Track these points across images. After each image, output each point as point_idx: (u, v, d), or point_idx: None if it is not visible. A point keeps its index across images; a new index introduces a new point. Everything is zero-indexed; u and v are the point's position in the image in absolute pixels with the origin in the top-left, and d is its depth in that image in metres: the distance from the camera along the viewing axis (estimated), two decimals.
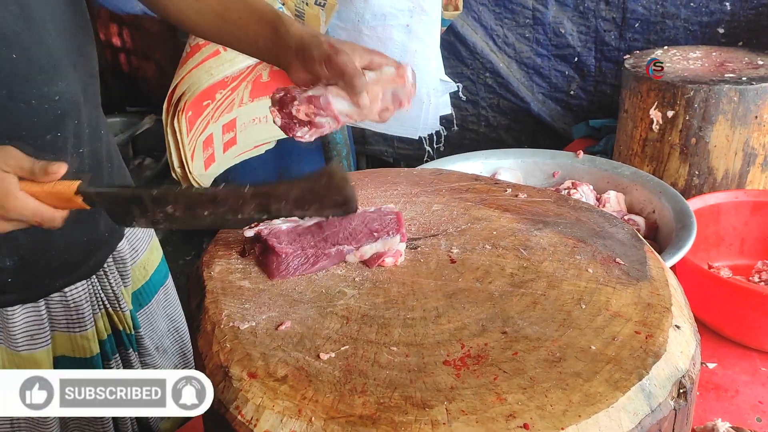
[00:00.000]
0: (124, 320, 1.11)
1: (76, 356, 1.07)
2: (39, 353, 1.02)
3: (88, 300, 1.06)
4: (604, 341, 0.57)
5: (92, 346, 1.07)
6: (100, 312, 1.08)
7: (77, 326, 1.05)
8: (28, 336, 1.01)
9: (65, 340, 1.05)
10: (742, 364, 1.13)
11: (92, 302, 1.07)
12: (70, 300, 1.03)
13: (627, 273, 0.67)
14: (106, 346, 1.09)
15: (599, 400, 0.51)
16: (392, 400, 0.52)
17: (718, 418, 0.97)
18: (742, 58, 1.58)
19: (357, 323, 0.62)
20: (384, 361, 0.57)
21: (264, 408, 0.53)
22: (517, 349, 0.57)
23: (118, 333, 1.11)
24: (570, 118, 2.23)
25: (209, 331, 0.63)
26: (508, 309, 0.62)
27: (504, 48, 2.24)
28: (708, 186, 1.47)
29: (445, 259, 0.72)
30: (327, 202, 0.66)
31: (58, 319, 1.04)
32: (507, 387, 0.53)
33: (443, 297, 0.65)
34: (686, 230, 1.11)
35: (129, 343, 1.13)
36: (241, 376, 0.56)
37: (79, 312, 1.04)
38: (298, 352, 0.58)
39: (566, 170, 1.39)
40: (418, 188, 0.88)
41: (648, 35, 1.99)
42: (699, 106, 1.40)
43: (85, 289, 1.05)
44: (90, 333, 1.06)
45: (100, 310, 1.08)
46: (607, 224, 0.77)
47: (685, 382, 0.55)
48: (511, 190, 0.86)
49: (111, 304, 1.10)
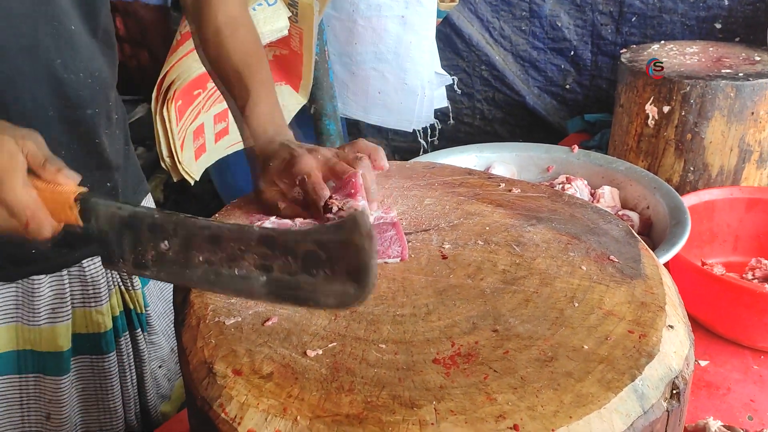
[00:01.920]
0: (135, 299, 1.13)
1: (90, 332, 1.08)
2: (60, 327, 1.04)
3: (104, 275, 1.07)
4: (596, 340, 0.56)
5: (106, 321, 1.08)
6: (114, 288, 1.10)
7: (93, 301, 1.06)
8: (51, 309, 1.03)
9: (81, 316, 1.07)
10: (734, 362, 1.13)
11: (107, 278, 1.08)
12: (87, 275, 1.05)
13: (621, 271, 0.66)
14: (117, 322, 1.11)
15: (591, 401, 0.50)
16: (380, 399, 0.51)
17: (709, 416, 0.97)
18: (739, 54, 1.57)
19: (345, 319, 0.61)
20: (372, 359, 0.55)
21: (248, 406, 0.51)
22: (508, 347, 0.56)
23: (129, 312, 1.13)
24: (565, 112, 2.22)
25: (194, 325, 0.62)
26: (500, 306, 0.61)
27: (500, 41, 2.23)
28: (703, 182, 1.47)
29: (437, 254, 0.70)
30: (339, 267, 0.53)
31: (76, 295, 1.06)
32: (497, 386, 0.51)
33: (434, 293, 0.64)
34: (680, 226, 1.10)
35: (138, 323, 1.14)
36: (225, 372, 0.55)
37: (95, 287, 1.06)
38: (284, 349, 0.57)
39: (561, 165, 1.38)
40: (411, 182, 0.86)
41: (645, 30, 1.98)
42: (695, 101, 1.39)
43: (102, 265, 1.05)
44: (105, 308, 1.08)
45: (114, 286, 1.10)
46: (602, 221, 0.75)
47: (678, 382, 0.54)
48: (504, 184, 0.85)
49: (123, 282, 1.12)
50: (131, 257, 0.64)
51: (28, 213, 0.67)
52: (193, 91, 1.59)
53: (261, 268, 0.57)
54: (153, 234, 0.62)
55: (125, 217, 0.65)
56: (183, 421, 1.07)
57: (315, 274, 0.55)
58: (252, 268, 0.58)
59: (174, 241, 0.61)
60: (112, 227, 0.66)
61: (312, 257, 0.54)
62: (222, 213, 0.81)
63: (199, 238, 0.60)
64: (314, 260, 0.54)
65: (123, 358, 1.12)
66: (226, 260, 0.59)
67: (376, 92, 1.98)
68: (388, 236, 0.71)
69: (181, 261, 0.61)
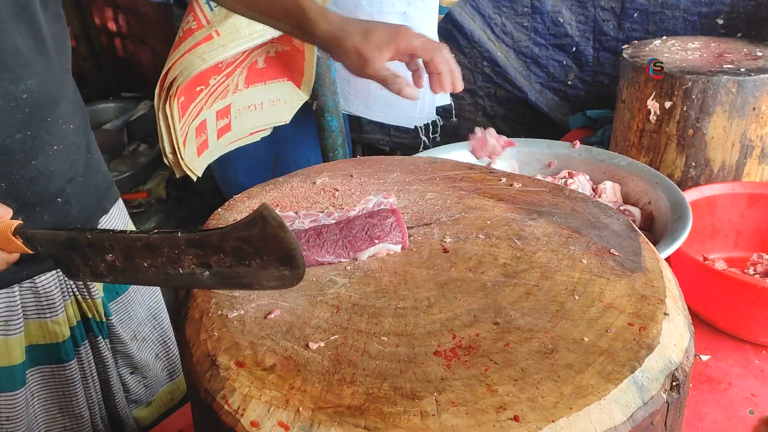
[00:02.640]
0: (93, 308, 1.11)
1: (47, 342, 1.06)
2: (13, 339, 1.02)
3: (58, 287, 1.05)
4: (597, 333, 0.56)
5: (64, 330, 1.07)
6: (69, 299, 1.08)
7: (48, 312, 1.05)
8: (3, 321, 1.00)
9: (36, 328, 1.05)
10: (735, 357, 1.13)
11: (62, 289, 1.06)
12: (40, 288, 1.03)
13: (621, 264, 0.66)
14: (75, 332, 1.09)
15: (591, 393, 0.50)
16: (381, 391, 0.51)
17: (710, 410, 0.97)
18: (741, 50, 1.57)
19: (347, 312, 0.61)
20: (374, 351, 0.56)
21: (251, 397, 0.52)
22: (509, 340, 0.56)
23: (87, 320, 1.11)
24: (567, 108, 2.22)
25: (197, 319, 0.62)
26: (501, 299, 0.62)
27: (502, 37, 2.22)
28: (704, 177, 1.47)
29: (438, 248, 0.71)
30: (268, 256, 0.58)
31: (29, 307, 1.04)
32: (498, 378, 0.52)
33: (435, 287, 0.64)
34: (682, 222, 1.11)
35: (98, 331, 1.12)
36: (228, 365, 0.55)
37: (49, 298, 1.04)
38: (286, 341, 0.57)
39: (562, 160, 1.38)
40: (413, 176, 0.87)
41: (647, 25, 1.98)
42: (697, 97, 1.39)
43: (55, 278, 1.04)
44: (62, 318, 1.06)
45: (69, 297, 1.08)
46: (603, 215, 0.76)
47: (678, 374, 0.54)
48: (505, 179, 0.85)
49: (80, 292, 1.09)
50: (86, 269, 0.68)
51: None
52: (196, 87, 1.59)
53: (201, 266, 0.61)
54: (95, 251, 0.66)
55: (63, 241, 0.68)
56: (186, 414, 1.07)
57: (249, 265, 0.59)
58: (192, 266, 0.61)
59: (116, 254, 0.64)
60: (59, 250, 0.69)
61: (240, 252, 0.58)
62: (225, 207, 0.81)
63: (136, 249, 0.63)
64: (243, 254, 0.58)
65: (84, 366, 1.11)
66: (167, 263, 0.62)
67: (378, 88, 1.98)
68: (388, 223, 0.71)
69: (130, 268, 0.64)
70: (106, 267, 0.66)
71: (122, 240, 0.64)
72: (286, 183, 0.86)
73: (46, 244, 0.70)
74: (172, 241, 0.61)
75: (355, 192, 0.83)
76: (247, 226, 0.57)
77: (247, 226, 0.57)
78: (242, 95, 1.79)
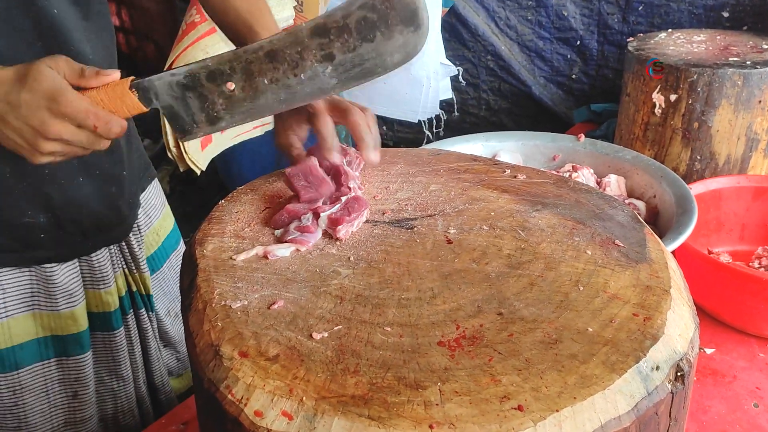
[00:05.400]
0: (140, 281, 1.16)
1: (101, 311, 1.12)
2: (77, 309, 1.08)
3: (110, 261, 1.11)
4: (601, 323, 0.56)
5: (114, 300, 1.12)
6: (119, 271, 1.14)
7: (102, 284, 1.10)
8: (68, 294, 1.06)
9: (92, 296, 1.11)
10: (740, 350, 1.13)
11: (113, 263, 1.12)
12: (95, 262, 1.08)
13: (626, 255, 0.66)
14: (123, 302, 1.15)
15: (595, 383, 0.50)
16: (385, 381, 0.51)
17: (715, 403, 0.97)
18: (747, 42, 1.56)
19: (351, 303, 0.61)
20: (377, 342, 0.56)
21: (254, 387, 0.52)
22: (513, 330, 0.56)
23: (132, 293, 1.17)
24: (571, 102, 2.22)
25: (201, 309, 0.62)
26: (505, 290, 0.61)
27: (506, 30, 2.22)
28: (710, 171, 1.46)
29: (442, 239, 0.71)
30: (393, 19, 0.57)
31: (87, 279, 1.09)
32: (502, 368, 0.52)
33: (439, 278, 0.64)
34: (687, 215, 1.10)
35: (142, 303, 1.18)
36: (231, 355, 0.55)
37: (102, 272, 1.10)
38: (290, 332, 0.57)
39: (567, 153, 1.38)
40: (416, 168, 0.86)
41: (652, 18, 1.97)
42: (702, 90, 1.39)
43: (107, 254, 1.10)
44: (112, 289, 1.12)
45: (119, 269, 1.14)
46: (607, 206, 0.75)
47: (682, 365, 0.54)
48: (510, 170, 0.85)
49: (129, 266, 1.15)
50: (203, 116, 0.66)
51: (91, 117, 0.71)
52: None
53: (324, 59, 0.59)
54: (214, 82, 0.64)
55: (181, 79, 0.66)
56: (191, 407, 1.07)
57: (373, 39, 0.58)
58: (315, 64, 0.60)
59: (236, 78, 0.63)
60: (175, 96, 0.67)
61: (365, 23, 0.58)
62: (228, 199, 0.81)
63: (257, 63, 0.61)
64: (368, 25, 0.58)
65: (130, 334, 1.17)
66: (289, 69, 0.60)
67: (382, 83, 1.98)
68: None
69: (250, 94, 0.63)
70: (224, 102, 0.64)
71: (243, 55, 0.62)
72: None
73: (164, 90, 0.68)
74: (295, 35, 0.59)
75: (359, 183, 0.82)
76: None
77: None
78: None
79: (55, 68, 0.72)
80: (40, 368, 1.08)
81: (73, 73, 0.72)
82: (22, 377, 1.06)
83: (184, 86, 0.66)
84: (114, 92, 0.69)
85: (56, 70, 0.72)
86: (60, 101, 0.70)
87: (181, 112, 0.67)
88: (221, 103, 0.64)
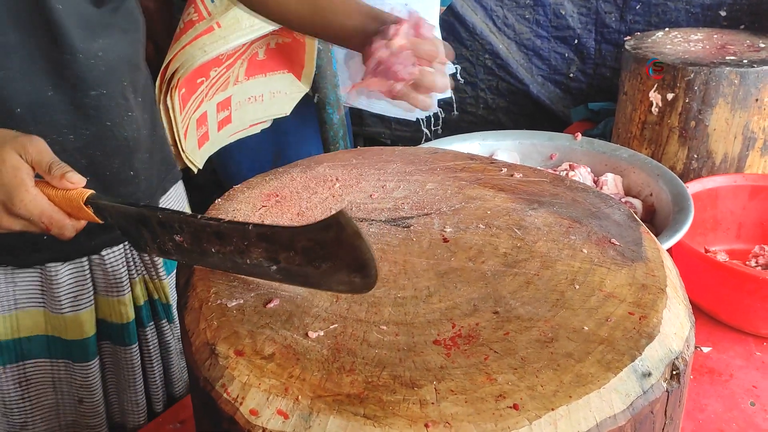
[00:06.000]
0: (160, 288, 1.12)
1: (113, 321, 1.08)
2: (83, 314, 1.04)
3: (125, 264, 1.06)
4: (597, 322, 0.56)
5: (129, 311, 1.08)
6: (138, 277, 1.09)
7: (115, 291, 1.06)
8: (72, 296, 1.03)
9: (104, 304, 1.07)
10: (736, 349, 1.13)
11: (129, 267, 1.07)
12: (107, 263, 1.05)
13: (622, 254, 0.66)
14: (141, 312, 1.10)
15: (591, 381, 0.50)
16: (380, 379, 0.51)
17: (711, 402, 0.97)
18: (744, 41, 1.56)
19: (347, 302, 0.61)
20: (373, 340, 0.56)
21: (250, 386, 0.52)
22: (509, 329, 0.56)
23: (153, 301, 1.12)
24: (569, 100, 2.22)
25: (197, 308, 0.62)
26: (501, 289, 0.61)
27: (504, 29, 2.22)
28: (706, 169, 1.46)
29: (438, 238, 0.71)
30: (339, 261, 0.55)
31: (99, 283, 1.06)
32: (497, 367, 0.52)
33: (435, 276, 0.64)
34: (683, 214, 1.10)
35: (163, 313, 1.13)
36: (227, 353, 0.55)
37: (116, 277, 1.05)
38: (286, 330, 0.57)
39: (564, 152, 1.38)
40: (413, 166, 0.86)
41: (649, 17, 1.97)
42: (699, 88, 1.39)
43: (122, 253, 1.06)
44: (127, 298, 1.07)
45: (138, 274, 1.09)
46: (603, 205, 0.75)
47: (678, 363, 0.54)
48: (506, 169, 0.85)
49: (148, 270, 1.10)
50: (154, 246, 0.67)
51: (44, 220, 0.70)
52: (197, 79, 1.59)
53: (269, 260, 0.60)
54: (164, 230, 0.65)
55: (133, 216, 0.67)
56: (188, 406, 1.07)
57: (318, 267, 0.57)
58: (261, 259, 0.60)
59: (185, 236, 0.64)
60: (128, 224, 0.68)
61: (311, 252, 0.56)
62: (225, 197, 0.81)
63: (205, 235, 0.62)
64: (314, 254, 0.56)
65: (150, 348, 1.12)
66: (235, 252, 0.61)
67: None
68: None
69: (197, 250, 0.64)
70: (174, 246, 0.65)
71: (192, 224, 0.63)
72: (285, 173, 0.86)
73: (116, 216, 0.69)
74: (242, 232, 0.60)
75: (355, 182, 0.82)
76: (321, 229, 0.55)
77: (321, 229, 0.55)
78: (243, 87, 1.78)
79: (25, 155, 0.70)
80: (47, 365, 1.05)
81: (40, 164, 0.70)
82: (28, 370, 1.04)
83: (135, 220, 0.67)
84: (70, 201, 0.70)
85: (25, 157, 0.70)
86: (14, 202, 0.69)
87: (133, 234, 0.68)
88: (171, 245, 0.65)
